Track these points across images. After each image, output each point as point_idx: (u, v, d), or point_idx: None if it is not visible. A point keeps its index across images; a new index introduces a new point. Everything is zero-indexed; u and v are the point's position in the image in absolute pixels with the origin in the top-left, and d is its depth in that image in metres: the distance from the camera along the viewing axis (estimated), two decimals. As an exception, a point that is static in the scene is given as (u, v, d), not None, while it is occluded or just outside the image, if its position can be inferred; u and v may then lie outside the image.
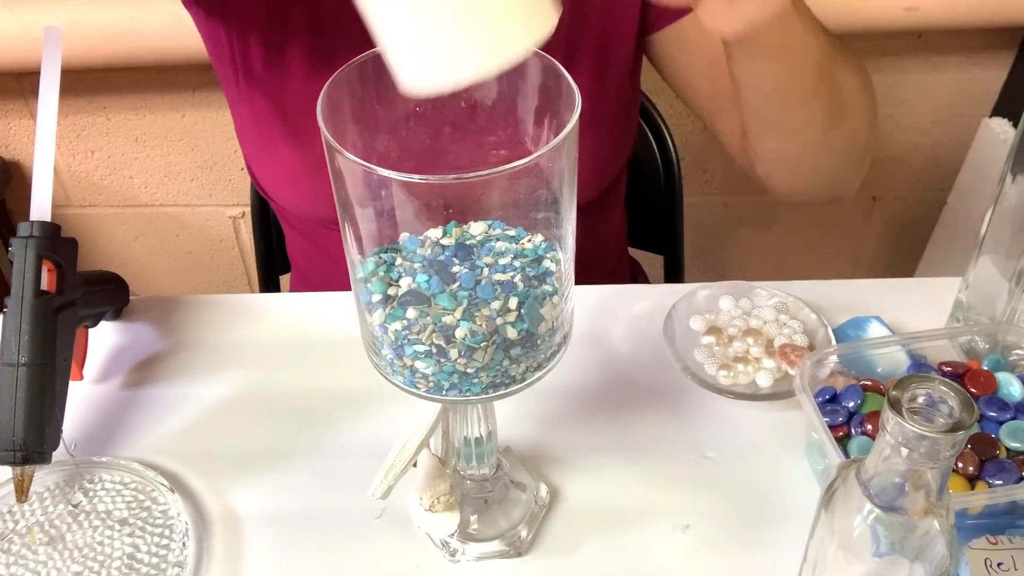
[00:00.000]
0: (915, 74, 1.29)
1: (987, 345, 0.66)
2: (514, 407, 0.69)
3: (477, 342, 0.45)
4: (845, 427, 0.60)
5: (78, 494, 0.64)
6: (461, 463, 0.58)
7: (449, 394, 0.48)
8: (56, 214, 0.61)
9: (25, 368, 0.60)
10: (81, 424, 0.70)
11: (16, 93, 1.32)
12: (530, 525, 0.60)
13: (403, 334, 0.46)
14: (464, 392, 0.47)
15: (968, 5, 1.15)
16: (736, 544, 0.60)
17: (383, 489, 0.56)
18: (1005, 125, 1.23)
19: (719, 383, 0.69)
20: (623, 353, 0.73)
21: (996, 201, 0.64)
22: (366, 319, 0.48)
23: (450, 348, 0.45)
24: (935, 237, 1.43)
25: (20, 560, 0.60)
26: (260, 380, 0.73)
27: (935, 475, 0.41)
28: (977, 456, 0.56)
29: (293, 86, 0.78)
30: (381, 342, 0.47)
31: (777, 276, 0.79)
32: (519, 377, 0.48)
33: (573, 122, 0.42)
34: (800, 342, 0.70)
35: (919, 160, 1.40)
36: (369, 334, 0.49)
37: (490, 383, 0.47)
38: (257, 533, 0.61)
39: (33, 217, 0.62)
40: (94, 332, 0.75)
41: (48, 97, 0.62)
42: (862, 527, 0.44)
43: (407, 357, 0.46)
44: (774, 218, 1.48)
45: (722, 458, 0.65)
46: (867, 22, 1.16)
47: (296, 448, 0.67)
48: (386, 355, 0.48)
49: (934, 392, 0.40)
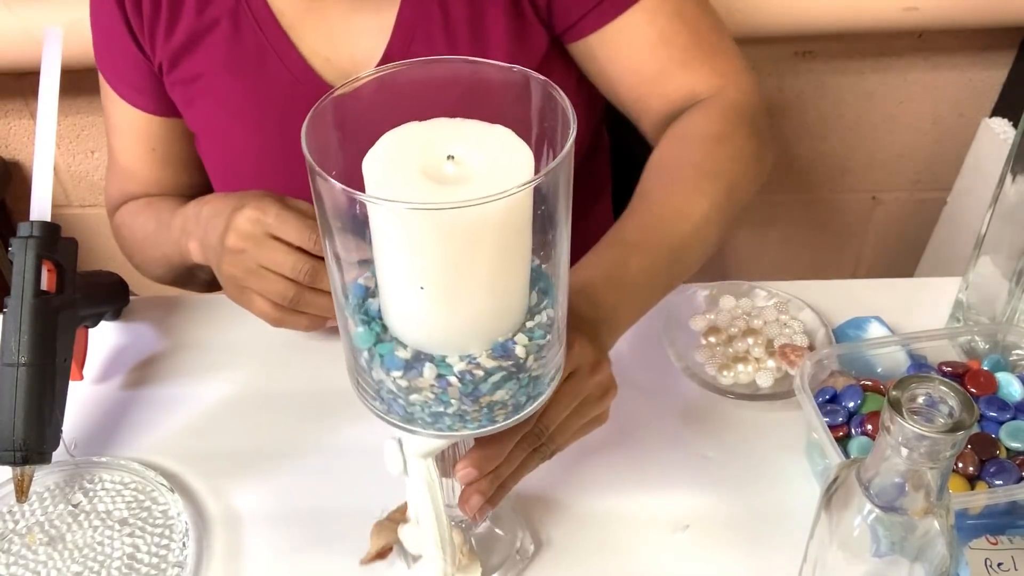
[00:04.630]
0: (915, 74, 1.29)
1: (987, 345, 0.66)
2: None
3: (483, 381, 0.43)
4: (845, 427, 0.60)
5: (78, 494, 0.64)
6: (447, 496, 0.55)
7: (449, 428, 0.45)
8: (56, 214, 0.61)
9: (25, 368, 0.60)
10: (81, 424, 0.70)
11: (16, 93, 1.32)
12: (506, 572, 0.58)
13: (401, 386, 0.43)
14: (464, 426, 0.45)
15: (968, 5, 1.15)
16: (736, 544, 0.60)
17: (448, 559, 0.52)
18: (1005, 125, 1.23)
19: (719, 383, 0.69)
20: (623, 353, 0.73)
21: (996, 201, 0.64)
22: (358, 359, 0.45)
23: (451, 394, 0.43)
24: (935, 237, 1.43)
25: (20, 560, 0.60)
26: (260, 380, 0.73)
27: (935, 475, 0.41)
28: (977, 456, 0.56)
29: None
30: (377, 386, 0.45)
31: (777, 276, 0.79)
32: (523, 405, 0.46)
33: (569, 143, 0.40)
34: (800, 342, 0.70)
35: (919, 160, 1.40)
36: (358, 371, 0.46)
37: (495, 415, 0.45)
38: (257, 533, 0.61)
39: (33, 217, 0.62)
40: (94, 332, 0.75)
41: (48, 97, 0.62)
42: (862, 527, 0.44)
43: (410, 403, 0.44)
44: (774, 218, 1.48)
45: (722, 458, 0.65)
46: (867, 22, 1.16)
47: (296, 448, 0.67)
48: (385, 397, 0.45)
49: (934, 392, 0.40)
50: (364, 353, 0.44)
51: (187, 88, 0.79)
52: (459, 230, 0.38)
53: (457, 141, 0.39)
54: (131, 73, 0.81)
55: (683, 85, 0.75)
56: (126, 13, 0.77)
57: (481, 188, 0.37)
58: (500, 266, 0.41)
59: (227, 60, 0.77)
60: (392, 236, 0.39)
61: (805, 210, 1.47)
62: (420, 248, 0.39)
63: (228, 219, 0.67)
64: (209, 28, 0.76)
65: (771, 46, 1.24)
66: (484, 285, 0.41)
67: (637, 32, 0.74)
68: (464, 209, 0.36)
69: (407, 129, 0.40)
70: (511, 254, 0.41)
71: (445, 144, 0.39)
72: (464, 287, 0.41)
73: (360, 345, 0.44)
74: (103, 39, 0.81)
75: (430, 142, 0.39)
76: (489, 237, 0.39)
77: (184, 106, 0.81)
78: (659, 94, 0.76)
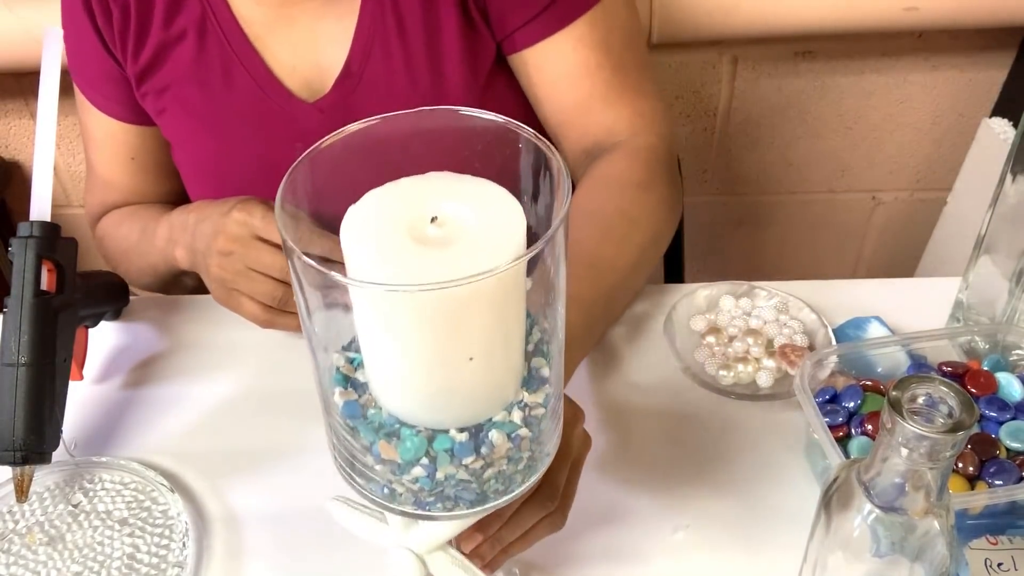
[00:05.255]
0: (915, 74, 1.29)
1: (987, 345, 0.66)
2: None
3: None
4: (845, 427, 0.60)
5: (78, 494, 0.64)
6: None
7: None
8: (56, 214, 0.61)
9: (25, 368, 0.60)
10: (81, 424, 0.70)
11: (16, 93, 1.32)
12: None
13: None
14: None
15: (968, 5, 1.15)
16: (736, 544, 0.60)
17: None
18: (1005, 125, 1.23)
19: (719, 383, 0.69)
20: (623, 353, 0.73)
21: (996, 201, 0.64)
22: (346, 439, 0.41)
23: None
24: (935, 237, 1.43)
25: (20, 560, 0.60)
26: (260, 380, 0.73)
27: (935, 475, 0.41)
28: (977, 456, 0.56)
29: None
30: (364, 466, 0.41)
31: (777, 276, 0.79)
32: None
33: (564, 211, 0.36)
34: (800, 342, 0.70)
35: (919, 160, 1.40)
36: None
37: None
38: (257, 533, 0.61)
39: (33, 217, 0.62)
40: (94, 332, 0.75)
41: (48, 97, 0.62)
42: (862, 527, 0.44)
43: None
44: (774, 218, 1.48)
45: (722, 458, 0.65)
46: (867, 22, 1.16)
47: (296, 448, 0.67)
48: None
49: (934, 392, 0.40)
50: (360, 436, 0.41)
51: (157, 99, 0.80)
52: (443, 308, 0.35)
53: (444, 198, 0.37)
54: (106, 84, 0.81)
55: (602, 121, 0.76)
56: (97, 25, 0.77)
57: (469, 254, 0.35)
58: (491, 337, 0.38)
59: (194, 71, 0.77)
60: (373, 316, 0.37)
61: (805, 210, 1.47)
62: (400, 325, 0.36)
63: (216, 223, 0.68)
64: (177, 40, 0.76)
65: (771, 46, 1.24)
66: (474, 356, 0.37)
67: (562, 58, 0.75)
68: (448, 289, 0.33)
69: (387, 189, 0.37)
70: (502, 325, 0.38)
71: (430, 203, 0.36)
72: (450, 361, 0.37)
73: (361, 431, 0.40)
74: (76, 51, 0.81)
75: (414, 200, 0.36)
76: (477, 308, 0.36)
77: (156, 116, 0.82)
78: (578, 125, 0.77)
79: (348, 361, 0.41)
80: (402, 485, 0.40)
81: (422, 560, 0.47)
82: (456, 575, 0.47)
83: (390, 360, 0.38)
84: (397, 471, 0.39)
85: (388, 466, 0.39)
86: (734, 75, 1.28)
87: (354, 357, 0.41)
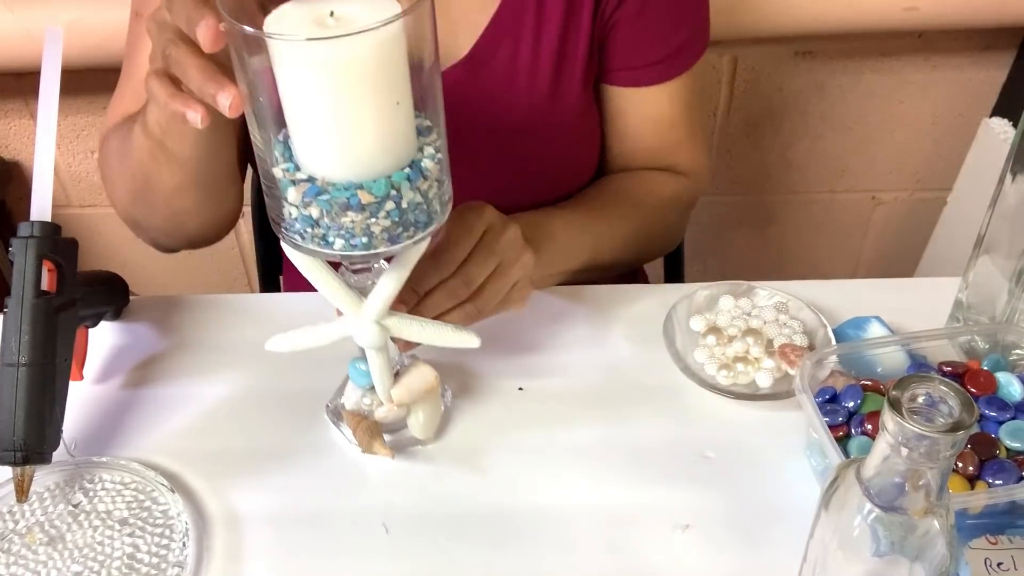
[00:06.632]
0: (915, 74, 1.29)
1: (987, 345, 0.66)
2: (513, 406, 0.69)
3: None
4: (845, 427, 0.60)
5: (78, 494, 0.64)
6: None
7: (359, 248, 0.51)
8: (56, 214, 0.61)
9: (25, 368, 0.60)
10: (81, 424, 0.70)
11: (16, 93, 1.32)
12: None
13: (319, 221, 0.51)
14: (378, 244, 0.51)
15: (968, 5, 1.15)
16: (736, 544, 0.60)
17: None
18: (1005, 125, 1.23)
19: (719, 383, 0.69)
20: (623, 353, 0.73)
21: (996, 201, 0.64)
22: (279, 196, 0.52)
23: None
24: (935, 237, 1.43)
25: (20, 560, 0.60)
26: (260, 380, 0.73)
27: (935, 475, 0.41)
28: (977, 456, 0.56)
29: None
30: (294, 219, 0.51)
31: (777, 276, 0.79)
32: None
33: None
34: (800, 342, 0.70)
35: (919, 160, 1.40)
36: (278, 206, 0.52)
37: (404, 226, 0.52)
38: (257, 533, 0.61)
39: (33, 217, 0.62)
40: (94, 332, 0.75)
41: (48, 97, 0.62)
42: (862, 527, 0.44)
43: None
44: (774, 218, 1.48)
45: (722, 458, 0.65)
46: (867, 22, 1.16)
47: (296, 448, 0.67)
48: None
49: (934, 392, 0.40)
50: (288, 190, 0.50)
51: None
52: (338, 65, 0.46)
53: (340, 3, 0.47)
54: None
55: (665, 160, 0.87)
56: None
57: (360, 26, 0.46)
58: (384, 100, 0.48)
59: None
60: (288, 77, 0.47)
61: (805, 210, 1.47)
62: (309, 83, 0.47)
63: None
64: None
65: (771, 46, 1.24)
66: (372, 117, 0.48)
67: (655, 107, 0.83)
68: (339, 43, 0.45)
69: (296, 3, 0.48)
70: (391, 90, 0.48)
71: (330, 6, 0.47)
72: (354, 120, 0.48)
73: (282, 186, 0.51)
74: None
75: (316, 6, 0.47)
76: (366, 71, 0.46)
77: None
78: (643, 160, 0.87)
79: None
80: (378, 225, 0.50)
81: (382, 325, 0.58)
82: (410, 326, 0.59)
83: (350, 121, 0.48)
84: (375, 210, 0.50)
85: (368, 209, 0.49)
86: (734, 75, 1.28)
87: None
